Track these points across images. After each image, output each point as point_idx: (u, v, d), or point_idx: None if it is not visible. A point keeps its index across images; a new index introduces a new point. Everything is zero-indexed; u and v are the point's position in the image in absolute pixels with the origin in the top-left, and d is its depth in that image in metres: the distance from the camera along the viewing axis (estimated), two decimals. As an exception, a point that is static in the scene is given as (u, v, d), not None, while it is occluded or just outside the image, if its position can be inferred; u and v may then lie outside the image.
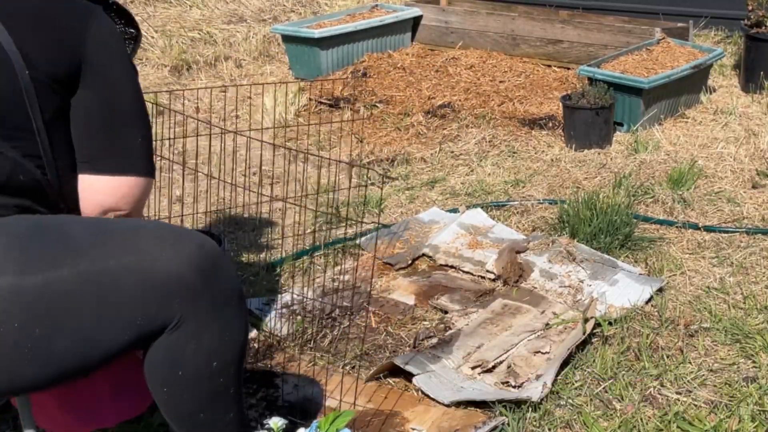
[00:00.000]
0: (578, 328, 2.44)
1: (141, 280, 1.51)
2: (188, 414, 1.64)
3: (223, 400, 1.67)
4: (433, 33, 5.56)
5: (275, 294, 2.78)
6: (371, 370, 2.36)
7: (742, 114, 4.20)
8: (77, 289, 1.48)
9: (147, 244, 1.54)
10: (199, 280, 1.55)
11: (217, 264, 1.58)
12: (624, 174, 3.55)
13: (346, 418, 1.97)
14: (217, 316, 1.58)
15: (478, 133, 4.13)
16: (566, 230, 3.06)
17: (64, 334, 1.48)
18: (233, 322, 1.62)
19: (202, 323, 1.56)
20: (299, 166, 3.55)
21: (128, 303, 1.51)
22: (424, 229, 3.16)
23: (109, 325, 1.51)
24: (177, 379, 1.59)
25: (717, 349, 2.40)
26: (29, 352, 1.47)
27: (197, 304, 1.56)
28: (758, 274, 2.79)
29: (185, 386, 1.60)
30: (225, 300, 1.60)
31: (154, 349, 1.58)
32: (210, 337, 1.58)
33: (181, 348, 1.56)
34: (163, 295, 1.52)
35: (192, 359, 1.58)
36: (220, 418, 1.68)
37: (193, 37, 6.19)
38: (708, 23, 5.61)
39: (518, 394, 2.21)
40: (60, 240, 1.51)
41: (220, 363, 1.61)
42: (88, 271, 1.49)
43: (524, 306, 2.63)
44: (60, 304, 1.47)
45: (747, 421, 2.08)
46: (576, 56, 4.92)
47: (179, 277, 1.53)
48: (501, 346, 2.42)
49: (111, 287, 1.50)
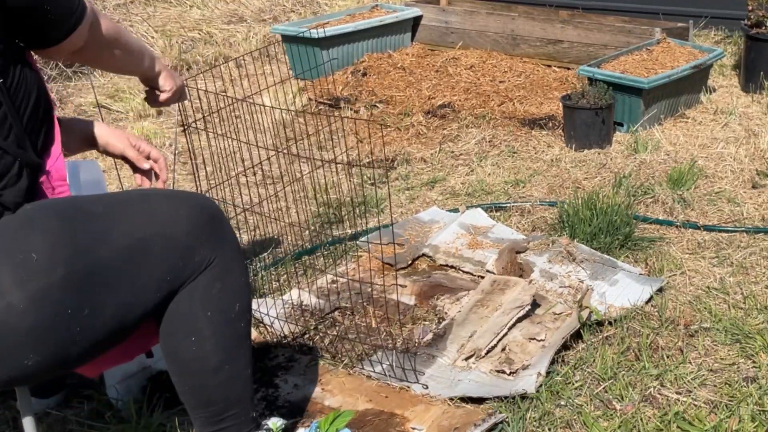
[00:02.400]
0: (573, 317, 2.45)
1: (165, 240, 1.63)
2: (215, 368, 1.72)
3: (244, 349, 1.77)
4: (433, 33, 5.56)
5: (275, 294, 2.78)
6: (371, 370, 2.36)
7: (742, 114, 4.20)
8: (115, 265, 1.57)
9: (160, 206, 1.67)
10: (213, 227, 1.70)
11: (221, 212, 1.75)
12: (624, 174, 3.55)
13: (346, 418, 1.98)
14: (235, 256, 1.74)
15: (478, 133, 4.13)
16: (566, 230, 3.06)
17: (106, 309, 1.56)
18: (244, 266, 1.78)
19: (225, 264, 1.71)
20: (299, 165, 3.55)
21: (159, 264, 1.62)
22: (424, 229, 3.16)
23: (144, 290, 1.62)
24: (204, 323, 1.68)
25: (717, 349, 2.40)
26: (79, 333, 1.54)
27: (218, 246, 1.70)
28: (758, 274, 2.79)
29: (212, 332, 1.69)
30: (235, 244, 1.75)
31: (178, 300, 1.67)
32: (232, 278, 1.72)
33: (208, 289, 1.68)
34: (187, 248, 1.65)
35: (218, 299, 1.70)
36: (241, 371, 1.77)
37: (193, 37, 6.19)
38: (708, 23, 5.61)
39: (513, 385, 2.22)
40: (88, 222, 1.59)
41: (242, 305, 1.74)
42: (120, 246, 1.58)
43: (512, 279, 2.66)
44: (103, 282, 1.55)
45: (747, 421, 2.08)
46: (576, 56, 4.92)
47: (197, 229, 1.67)
48: (492, 329, 2.44)
49: (142, 255, 1.60)
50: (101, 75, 5.52)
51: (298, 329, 2.58)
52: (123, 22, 6.32)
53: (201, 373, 1.72)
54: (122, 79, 5.43)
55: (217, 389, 1.74)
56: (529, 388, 2.19)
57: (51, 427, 2.19)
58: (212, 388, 1.74)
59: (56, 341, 1.51)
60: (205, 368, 1.72)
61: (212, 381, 1.73)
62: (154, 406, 2.20)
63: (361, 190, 3.52)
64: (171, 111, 3.79)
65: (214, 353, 1.71)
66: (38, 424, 2.02)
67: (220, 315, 1.70)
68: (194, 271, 1.67)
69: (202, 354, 1.70)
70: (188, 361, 1.71)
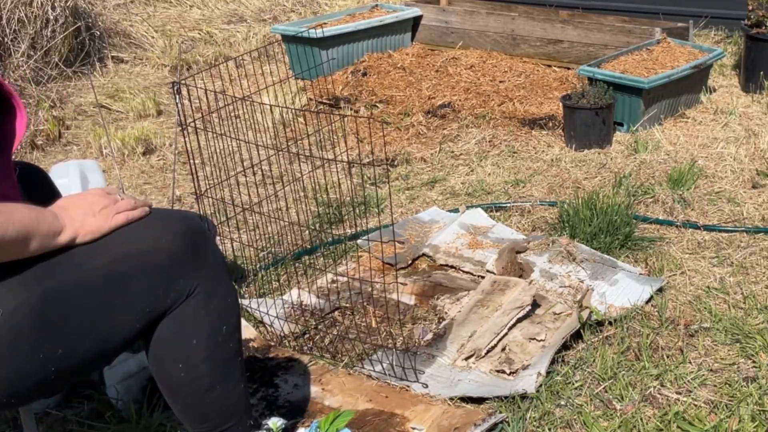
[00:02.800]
0: (573, 317, 2.45)
1: (144, 272, 1.56)
2: (205, 389, 1.69)
3: (234, 367, 1.73)
4: (433, 33, 5.56)
5: (275, 294, 2.78)
6: (371, 370, 2.36)
7: (742, 114, 4.20)
8: (90, 304, 1.52)
9: (139, 235, 1.59)
10: (195, 252, 1.62)
11: (204, 233, 1.67)
12: (624, 174, 3.55)
13: (346, 418, 1.97)
14: (219, 279, 1.67)
15: (478, 133, 4.13)
16: (566, 230, 3.06)
17: (83, 343, 1.52)
18: (230, 285, 1.72)
19: (209, 290, 1.65)
20: (299, 165, 3.55)
21: (139, 297, 1.57)
22: (424, 229, 3.16)
23: (122, 323, 1.57)
24: (192, 350, 1.65)
25: (717, 349, 2.40)
26: (54, 372, 1.51)
27: (200, 273, 1.63)
28: (758, 274, 2.79)
29: (201, 357, 1.66)
30: (219, 266, 1.69)
31: (163, 327, 1.63)
32: (217, 301, 1.67)
33: (193, 317, 1.63)
34: (168, 279, 1.59)
35: (204, 325, 1.65)
36: (235, 388, 1.74)
37: (193, 37, 6.19)
38: (708, 23, 5.61)
39: (513, 385, 2.22)
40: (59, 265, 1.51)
41: (229, 326, 1.70)
42: (96, 284, 1.52)
43: (512, 279, 2.65)
44: (77, 323, 1.51)
45: (747, 421, 2.08)
46: (576, 56, 4.92)
47: (177, 260, 1.59)
48: (492, 329, 2.44)
49: (119, 290, 1.54)
50: (101, 75, 5.53)
51: (298, 329, 2.58)
52: (123, 21, 6.32)
53: (193, 394, 1.69)
54: (122, 79, 5.44)
55: (210, 407, 1.71)
56: (529, 388, 2.20)
57: (51, 427, 2.19)
58: (205, 407, 1.71)
59: (36, 379, 1.50)
60: (196, 390, 1.69)
61: (205, 400, 1.70)
62: (154, 406, 2.20)
63: (361, 190, 3.52)
64: (171, 111, 3.79)
65: (205, 376, 1.68)
66: (38, 424, 2.02)
67: (207, 340, 1.66)
68: (176, 300, 1.61)
69: (192, 378, 1.67)
70: (178, 385, 1.68)
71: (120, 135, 4.22)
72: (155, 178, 3.90)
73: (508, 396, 2.19)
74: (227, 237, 3.00)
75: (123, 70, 5.67)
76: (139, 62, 5.78)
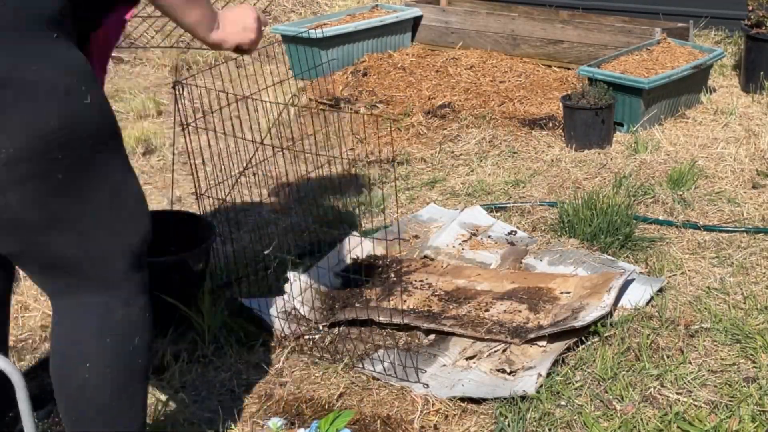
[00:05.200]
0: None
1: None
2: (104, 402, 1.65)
3: (137, 386, 1.70)
4: (433, 33, 5.56)
5: (275, 294, 2.78)
6: (371, 369, 2.36)
7: (743, 114, 4.20)
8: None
9: (128, 209, 1.66)
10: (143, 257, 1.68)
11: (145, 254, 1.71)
12: (624, 174, 3.55)
13: (346, 418, 1.97)
14: (143, 291, 1.69)
15: (478, 134, 4.13)
16: (566, 230, 3.06)
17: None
18: (150, 308, 1.72)
19: (132, 293, 1.66)
20: (297, 166, 3.55)
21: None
22: (424, 229, 3.16)
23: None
24: (103, 348, 1.63)
25: (717, 349, 2.40)
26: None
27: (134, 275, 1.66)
28: (758, 274, 2.79)
29: (109, 360, 1.63)
30: (146, 286, 1.71)
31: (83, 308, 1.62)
32: (137, 311, 1.67)
33: (112, 311, 1.63)
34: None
35: (120, 326, 1.64)
36: (129, 409, 1.70)
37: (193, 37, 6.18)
38: (708, 23, 5.60)
39: (513, 385, 2.22)
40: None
41: (142, 341, 1.68)
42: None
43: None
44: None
45: (747, 421, 2.08)
46: (576, 56, 4.92)
47: (133, 255, 1.65)
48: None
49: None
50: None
51: (299, 329, 2.58)
52: (123, 22, 6.31)
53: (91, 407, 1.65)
54: (122, 79, 5.44)
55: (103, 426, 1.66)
56: (529, 389, 2.19)
57: (51, 428, 2.19)
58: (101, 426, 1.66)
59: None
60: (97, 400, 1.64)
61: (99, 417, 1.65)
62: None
63: (363, 190, 3.52)
64: (171, 111, 3.80)
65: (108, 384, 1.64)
66: (38, 424, 2.02)
67: (120, 343, 1.64)
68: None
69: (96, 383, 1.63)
70: (79, 389, 1.63)
71: (120, 135, 4.21)
72: (155, 178, 3.90)
73: (507, 396, 2.19)
74: (227, 237, 2.99)
75: (123, 70, 5.67)
76: (139, 62, 5.78)
